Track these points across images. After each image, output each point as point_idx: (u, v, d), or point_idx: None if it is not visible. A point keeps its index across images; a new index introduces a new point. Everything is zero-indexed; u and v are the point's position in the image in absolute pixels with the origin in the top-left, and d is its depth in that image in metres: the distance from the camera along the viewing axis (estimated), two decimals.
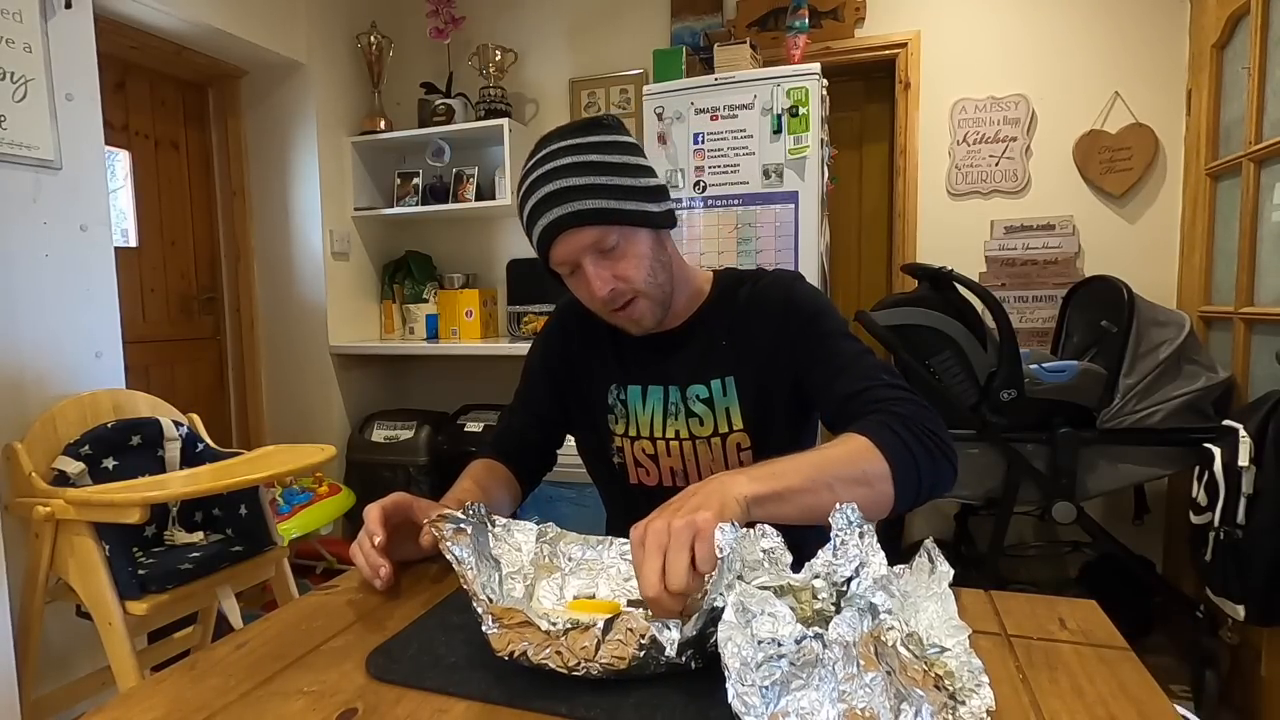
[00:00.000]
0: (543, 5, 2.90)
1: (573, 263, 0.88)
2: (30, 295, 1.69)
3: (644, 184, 0.89)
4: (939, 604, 0.58)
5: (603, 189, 0.85)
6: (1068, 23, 2.37)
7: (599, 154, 0.87)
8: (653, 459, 1.00)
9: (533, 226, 0.89)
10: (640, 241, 0.89)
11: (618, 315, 0.92)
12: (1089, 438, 1.85)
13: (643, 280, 0.89)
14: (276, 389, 2.83)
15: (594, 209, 0.85)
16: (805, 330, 0.93)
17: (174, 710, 0.56)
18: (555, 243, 0.87)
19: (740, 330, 0.97)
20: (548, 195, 0.85)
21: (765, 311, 0.96)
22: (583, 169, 0.85)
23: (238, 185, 2.75)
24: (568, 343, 1.07)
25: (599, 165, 0.86)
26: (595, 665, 0.57)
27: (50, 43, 1.71)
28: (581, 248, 0.86)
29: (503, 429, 1.11)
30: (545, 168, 0.87)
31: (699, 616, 0.57)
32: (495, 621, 0.59)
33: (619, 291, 0.88)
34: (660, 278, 0.92)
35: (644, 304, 0.91)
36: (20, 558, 1.52)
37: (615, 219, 0.86)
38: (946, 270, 1.98)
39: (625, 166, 0.88)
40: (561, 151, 0.87)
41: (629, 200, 0.87)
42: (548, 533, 0.77)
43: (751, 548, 0.63)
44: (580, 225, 0.85)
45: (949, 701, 0.49)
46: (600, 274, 0.87)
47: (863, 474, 0.73)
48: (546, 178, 0.86)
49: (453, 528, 0.68)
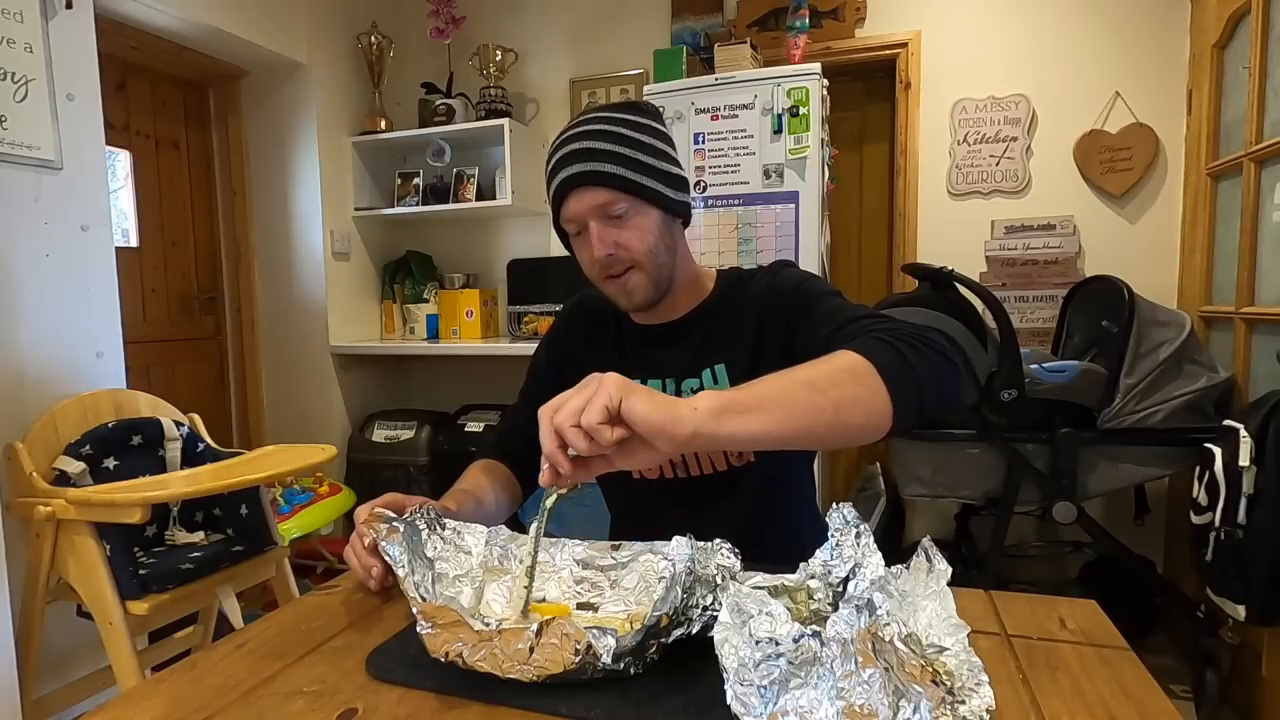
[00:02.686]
0: (543, 5, 2.90)
1: (580, 221, 0.91)
2: (31, 295, 1.69)
3: (663, 168, 0.92)
4: (938, 602, 0.58)
5: (622, 158, 0.89)
6: (1068, 23, 2.37)
7: (628, 129, 0.91)
8: None
9: (552, 182, 0.92)
10: (648, 216, 0.92)
11: (611, 283, 0.94)
12: (1089, 438, 1.85)
13: (642, 252, 0.91)
14: (277, 389, 2.83)
15: (610, 173, 0.88)
16: (790, 298, 0.93)
17: (174, 710, 0.56)
18: (568, 198, 0.90)
19: (731, 320, 0.98)
20: (571, 153, 0.90)
21: (754, 297, 0.97)
22: (609, 137, 0.90)
23: (238, 185, 2.76)
24: (572, 341, 1.08)
25: (625, 138, 0.90)
26: (529, 669, 0.56)
27: (51, 43, 1.71)
28: (591, 207, 0.89)
29: (506, 429, 1.11)
30: (576, 130, 0.91)
31: (639, 630, 0.57)
32: (428, 621, 0.58)
33: (616, 258, 0.91)
34: (662, 258, 0.93)
35: (639, 277, 0.93)
36: (21, 558, 1.52)
37: (628, 189, 0.89)
38: (947, 270, 1.98)
39: (649, 147, 0.92)
40: (595, 119, 0.92)
41: (645, 176, 0.90)
42: (498, 535, 0.76)
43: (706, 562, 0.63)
44: (593, 185, 0.88)
45: (947, 697, 0.49)
46: (604, 236, 0.90)
47: (846, 369, 0.68)
48: (574, 139, 0.90)
49: (386, 527, 0.68)
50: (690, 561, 0.61)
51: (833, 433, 0.67)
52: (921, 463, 1.97)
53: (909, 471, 1.99)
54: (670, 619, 0.59)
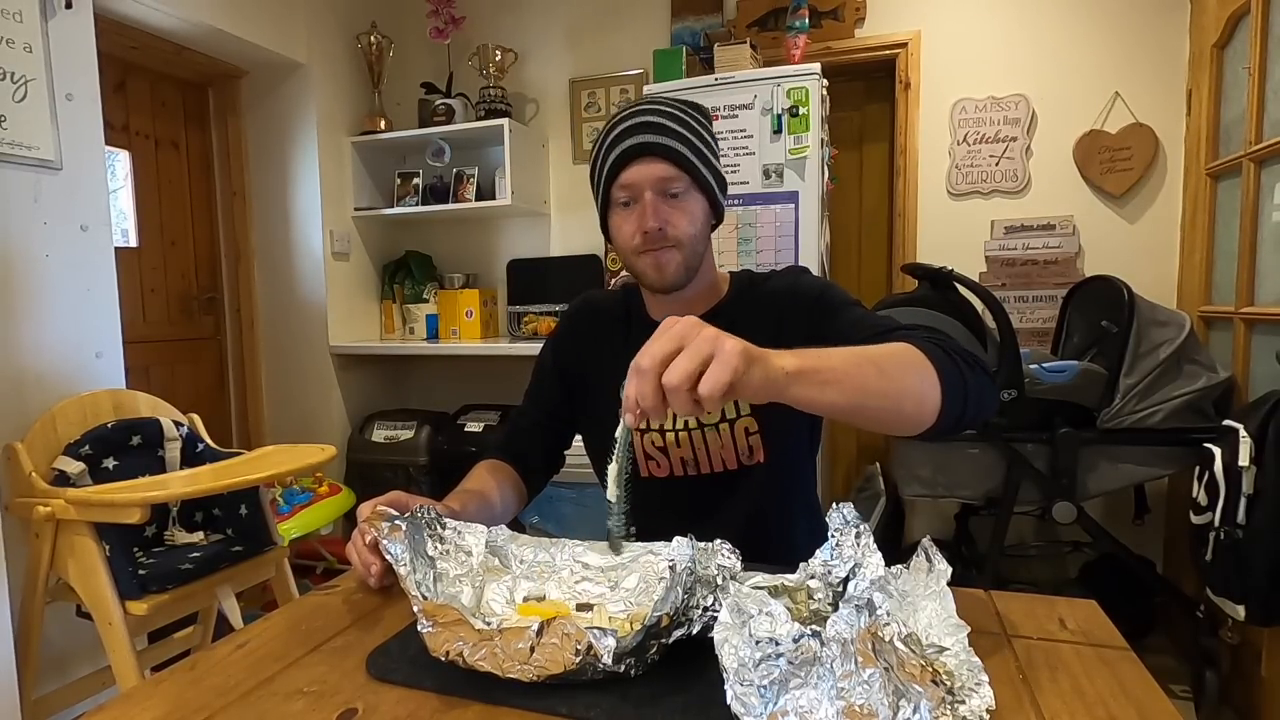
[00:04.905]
0: (543, 5, 2.90)
1: (636, 189, 0.93)
2: (31, 295, 1.69)
3: (715, 164, 0.98)
4: (937, 602, 0.58)
5: (690, 144, 0.93)
6: (1068, 23, 2.37)
7: (694, 120, 0.96)
8: (663, 451, 1.00)
9: (613, 148, 0.93)
10: (697, 203, 0.95)
11: (647, 256, 0.95)
12: (1089, 438, 1.85)
13: (687, 235, 0.94)
14: (276, 389, 2.83)
15: (679, 151, 0.92)
16: (813, 306, 0.95)
17: (174, 710, 0.56)
18: (632, 164, 0.92)
19: (756, 325, 0.97)
20: (639, 124, 0.92)
21: (772, 300, 0.99)
22: (679, 120, 0.94)
23: (238, 185, 2.75)
24: (578, 341, 1.09)
25: (691, 126, 0.95)
26: (530, 669, 0.56)
27: (50, 43, 1.71)
28: (653, 178, 0.92)
29: (512, 430, 1.11)
30: (645, 106, 0.94)
31: (640, 630, 0.57)
32: (429, 620, 0.58)
33: (663, 234, 0.93)
34: (699, 246, 0.96)
35: (676, 256, 0.94)
36: (20, 558, 1.52)
37: (689, 169, 0.93)
38: (947, 270, 1.98)
39: (706, 142, 0.96)
40: (661, 103, 0.95)
41: (704, 167, 0.94)
42: (499, 535, 0.76)
43: (706, 562, 0.63)
44: (662, 159, 0.91)
45: (947, 697, 0.49)
46: (658, 209, 0.92)
47: (910, 362, 0.70)
48: (644, 112, 0.93)
49: (388, 525, 0.68)
50: (690, 562, 0.61)
51: (884, 417, 0.69)
52: (921, 463, 1.97)
53: (909, 471, 1.99)
54: (671, 619, 0.59)
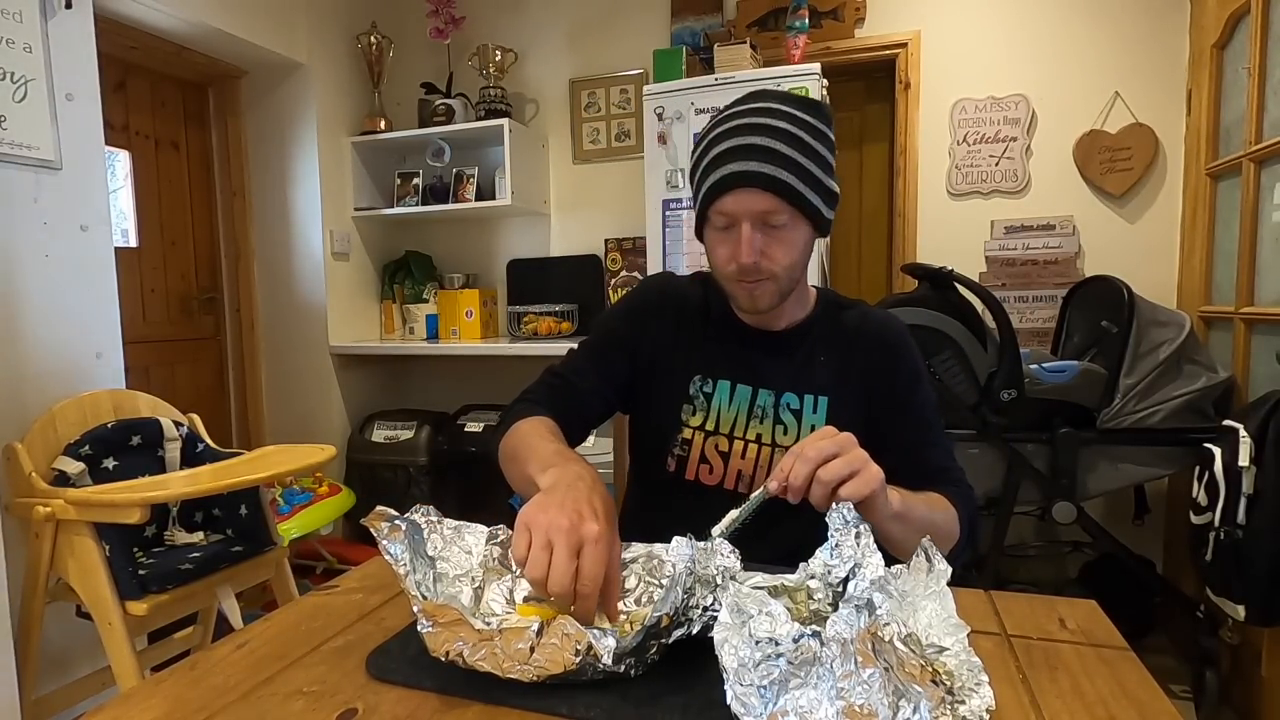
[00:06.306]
0: (543, 5, 2.90)
1: (734, 218, 0.88)
2: (30, 295, 1.69)
3: (829, 184, 0.90)
4: (937, 602, 0.58)
5: (799, 169, 0.86)
6: (1068, 23, 2.37)
7: (811, 136, 0.87)
8: (724, 457, 0.98)
9: (714, 167, 0.88)
10: (801, 233, 0.90)
11: (741, 285, 0.91)
12: (1089, 438, 1.85)
13: (785, 266, 0.90)
14: (276, 389, 2.83)
15: (785, 182, 0.85)
16: (908, 390, 0.98)
17: (174, 710, 0.56)
18: (732, 192, 0.86)
19: (843, 355, 0.98)
20: (748, 146, 0.85)
21: (874, 350, 0.98)
22: (791, 140, 0.86)
23: (238, 185, 2.75)
24: (659, 323, 1.02)
25: (806, 146, 0.87)
26: (530, 669, 0.56)
27: (50, 43, 1.71)
28: (753, 210, 0.86)
29: (561, 387, 1.00)
30: (757, 119, 0.87)
31: (640, 630, 0.57)
32: (429, 620, 0.58)
33: (758, 267, 0.88)
34: (797, 273, 0.93)
35: (772, 288, 0.91)
36: (20, 558, 1.52)
37: (796, 202, 0.87)
38: (947, 270, 1.98)
39: (824, 161, 0.89)
40: (779, 114, 0.87)
41: (814, 193, 0.88)
42: (498, 535, 0.76)
43: (706, 562, 0.63)
44: (765, 190, 0.85)
45: (947, 697, 0.49)
46: (755, 243, 0.87)
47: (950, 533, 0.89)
48: (754, 129, 0.86)
49: (387, 525, 0.67)
50: (690, 562, 0.61)
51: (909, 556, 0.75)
52: None
53: None
54: (671, 619, 0.59)
